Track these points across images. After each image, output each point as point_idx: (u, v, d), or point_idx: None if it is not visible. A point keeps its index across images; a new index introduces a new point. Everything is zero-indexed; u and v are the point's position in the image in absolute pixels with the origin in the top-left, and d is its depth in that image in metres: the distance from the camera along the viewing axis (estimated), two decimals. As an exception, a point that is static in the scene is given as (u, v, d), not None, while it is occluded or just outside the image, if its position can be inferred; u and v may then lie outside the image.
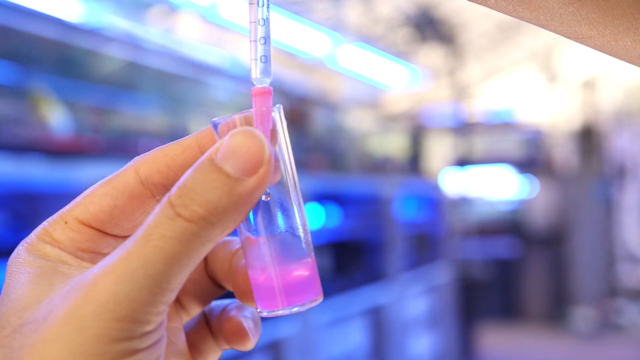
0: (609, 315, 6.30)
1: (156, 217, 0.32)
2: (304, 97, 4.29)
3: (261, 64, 0.37)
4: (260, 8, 0.37)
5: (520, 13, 0.33)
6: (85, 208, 0.36)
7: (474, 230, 6.55)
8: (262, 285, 0.37)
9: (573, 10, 0.32)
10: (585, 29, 0.33)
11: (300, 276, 0.37)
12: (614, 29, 0.32)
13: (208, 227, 0.32)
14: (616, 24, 0.32)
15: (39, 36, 2.64)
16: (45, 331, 0.31)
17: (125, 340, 0.31)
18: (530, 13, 0.33)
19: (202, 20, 3.75)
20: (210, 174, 0.32)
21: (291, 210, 0.37)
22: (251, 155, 0.33)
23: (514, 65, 7.00)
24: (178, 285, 0.32)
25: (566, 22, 0.33)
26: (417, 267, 4.28)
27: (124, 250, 0.32)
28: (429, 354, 4.36)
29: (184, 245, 0.31)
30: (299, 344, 2.72)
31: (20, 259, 0.35)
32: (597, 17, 0.32)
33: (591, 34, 0.33)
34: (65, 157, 2.04)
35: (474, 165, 6.93)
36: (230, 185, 0.32)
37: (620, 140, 6.83)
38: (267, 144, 0.33)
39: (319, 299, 0.37)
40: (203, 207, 0.32)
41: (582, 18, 0.32)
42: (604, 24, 0.32)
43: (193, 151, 0.36)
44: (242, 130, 0.33)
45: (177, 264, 0.31)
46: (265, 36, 0.37)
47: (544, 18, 0.33)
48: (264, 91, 0.36)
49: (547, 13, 0.33)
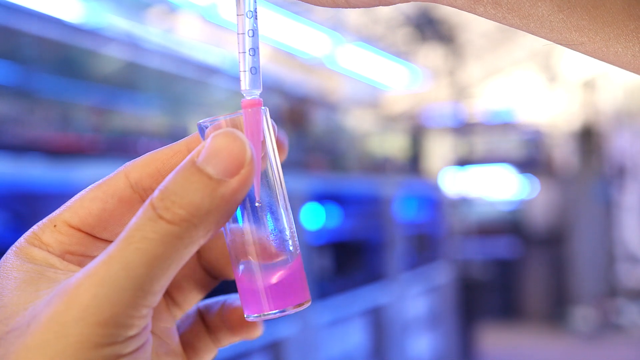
0: (609, 315, 6.29)
1: (138, 219, 0.32)
2: (303, 97, 4.29)
3: (251, 75, 0.36)
4: (249, 19, 0.36)
5: (510, 20, 0.33)
6: (74, 212, 0.36)
7: (474, 230, 6.55)
8: (247, 289, 0.37)
9: (563, 17, 0.32)
10: (575, 36, 0.33)
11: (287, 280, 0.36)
12: (605, 36, 0.32)
13: (190, 228, 0.32)
14: (606, 30, 0.32)
15: (39, 36, 2.64)
16: (28, 338, 0.31)
17: (108, 346, 0.30)
18: (520, 20, 0.33)
19: (202, 20, 3.75)
20: (191, 175, 0.32)
21: (277, 213, 0.37)
22: (233, 156, 0.32)
23: (514, 65, 7.00)
24: (160, 288, 0.32)
25: (556, 29, 0.33)
26: (417, 267, 4.28)
27: (106, 254, 0.31)
28: (429, 354, 4.36)
29: (166, 247, 0.31)
30: (299, 344, 2.72)
31: (9, 263, 0.35)
32: (587, 24, 0.32)
33: (582, 41, 0.33)
34: (65, 157, 2.03)
35: (474, 165, 6.93)
36: (212, 187, 0.32)
37: (620, 140, 6.83)
38: (248, 145, 0.33)
39: (307, 302, 0.37)
40: (185, 209, 0.32)
41: (572, 25, 0.32)
42: (594, 30, 0.32)
43: (183, 155, 0.36)
44: (224, 131, 0.33)
45: (159, 267, 0.31)
46: (254, 47, 0.37)
47: (534, 25, 0.33)
48: (254, 102, 0.36)
49: (537, 20, 0.33)
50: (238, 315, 0.40)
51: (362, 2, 0.35)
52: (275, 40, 4.06)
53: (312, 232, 3.02)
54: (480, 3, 0.33)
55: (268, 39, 4.00)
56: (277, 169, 0.37)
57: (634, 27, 0.31)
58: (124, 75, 3.22)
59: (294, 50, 4.39)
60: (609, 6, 0.31)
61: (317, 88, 5.02)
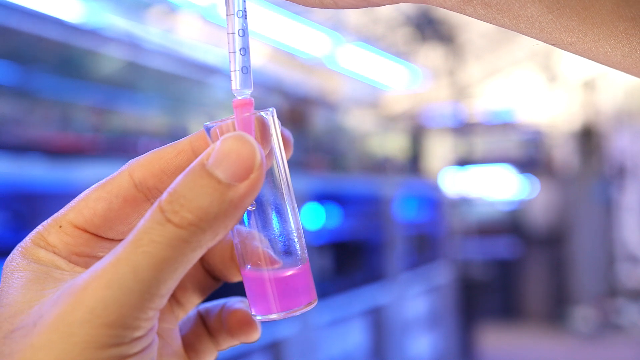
0: (609, 315, 6.29)
1: (146, 222, 0.32)
2: (304, 97, 4.29)
3: (242, 75, 0.36)
4: (239, 19, 0.36)
5: (500, 21, 0.33)
6: (79, 212, 0.36)
7: (474, 230, 6.55)
8: (256, 290, 0.37)
9: (552, 18, 0.32)
10: (565, 36, 0.33)
11: (295, 280, 0.36)
12: (594, 36, 0.32)
13: (198, 232, 0.32)
14: (596, 31, 0.32)
15: (39, 36, 2.64)
16: (35, 337, 0.31)
17: (114, 346, 0.31)
18: (510, 21, 0.33)
19: (202, 20, 3.75)
20: (201, 179, 0.32)
21: (285, 214, 0.37)
22: (242, 160, 0.32)
23: (514, 65, 7.00)
24: (167, 291, 0.32)
25: (546, 30, 0.33)
26: (417, 267, 4.28)
27: (113, 256, 0.31)
28: (429, 354, 4.36)
29: (174, 250, 0.31)
30: (299, 344, 2.72)
31: (15, 263, 0.35)
32: (576, 25, 0.32)
33: (571, 41, 0.33)
34: (65, 157, 2.03)
35: (474, 165, 6.92)
36: (221, 191, 0.32)
37: (620, 140, 6.83)
38: (258, 149, 0.33)
39: (314, 302, 0.37)
40: (193, 213, 0.31)
41: (562, 26, 0.32)
42: (583, 31, 0.32)
43: (187, 154, 0.36)
44: (234, 135, 0.33)
45: (167, 270, 0.31)
46: (244, 47, 0.36)
47: (524, 26, 0.33)
48: (245, 103, 0.36)
49: (526, 21, 0.33)
50: (237, 318, 0.41)
51: (349, 3, 0.35)
52: (275, 40, 4.06)
53: (312, 232, 3.02)
54: (470, 4, 0.33)
55: (268, 39, 4.00)
56: (285, 169, 0.37)
57: (623, 28, 0.31)
58: (124, 75, 3.22)
59: (294, 50, 4.39)
60: (598, 7, 0.31)
61: (317, 88, 5.02)
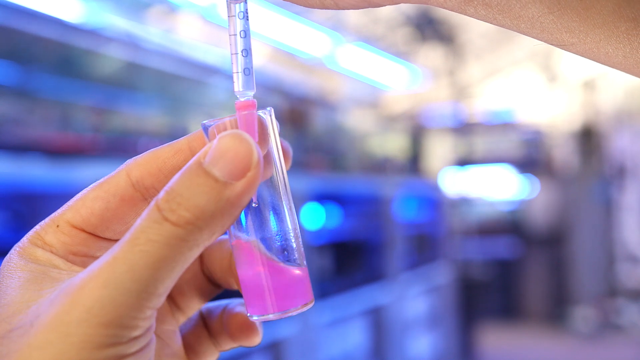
0: (609, 315, 6.29)
1: (143, 221, 0.32)
2: (304, 97, 4.29)
3: (244, 77, 0.36)
4: (241, 20, 0.36)
5: (501, 21, 0.33)
6: (76, 211, 0.36)
7: (474, 230, 6.55)
8: (252, 290, 0.36)
9: (553, 18, 0.32)
10: (566, 37, 0.33)
11: (292, 280, 0.36)
12: (595, 37, 0.32)
13: (195, 231, 0.32)
14: (597, 32, 0.32)
15: (39, 36, 2.64)
16: (32, 337, 0.31)
17: (111, 346, 0.30)
18: (511, 21, 0.33)
19: (202, 20, 3.75)
20: (197, 177, 0.32)
21: (282, 213, 0.37)
22: (239, 158, 0.32)
23: (514, 65, 7.00)
24: (165, 290, 0.32)
25: (547, 30, 0.33)
26: (417, 267, 4.28)
27: (110, 255, 0.31)
28: (429, 354, 4.36)
29: (171, 249, 0.31)
30: (299, 344, 2.72)
31: (12, 263, 0.35)
32: (577, 26, 0.32)
33: (572, 42, 0.33)
34: (65, 157, 2.03)
35: (474, 165, 6.92)
36: (218, 190, 0.32)
37: (620, 140, 6.82)
38: (255, 147, 0.33)
39: (310, 303, 0.37)
40: (190, 212, 0.31)
41: (563, 26, 0.32)
42: (584, 32, 0.32)
43: (184, 154, 0.36)
44: (231, 133, 0.33)
45: (164, 269, 0.31)
46: (246, 48, 0.36)
47: (525, 26, 0.33)
48: (248, 104, 0.36)
49: (527, 22, 0.33)
50: (237, 321, 0.40)
51: (350, 3, 0.35)
52: (275, 40, 4.06)
53: (312, 232, 3.02)
54: (471, 4, 0.33)
55: (268, 39, 4.00)
56: (282, 170, 0.37)
57: (624, 28, 0.31)
58: (124, 75, 3.22)
59: (294, 50, 4.39)
60: (599, 8, 0.31)
61: (317, 88, 5.02)
